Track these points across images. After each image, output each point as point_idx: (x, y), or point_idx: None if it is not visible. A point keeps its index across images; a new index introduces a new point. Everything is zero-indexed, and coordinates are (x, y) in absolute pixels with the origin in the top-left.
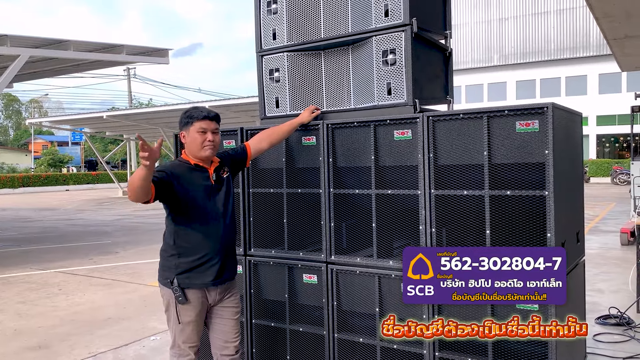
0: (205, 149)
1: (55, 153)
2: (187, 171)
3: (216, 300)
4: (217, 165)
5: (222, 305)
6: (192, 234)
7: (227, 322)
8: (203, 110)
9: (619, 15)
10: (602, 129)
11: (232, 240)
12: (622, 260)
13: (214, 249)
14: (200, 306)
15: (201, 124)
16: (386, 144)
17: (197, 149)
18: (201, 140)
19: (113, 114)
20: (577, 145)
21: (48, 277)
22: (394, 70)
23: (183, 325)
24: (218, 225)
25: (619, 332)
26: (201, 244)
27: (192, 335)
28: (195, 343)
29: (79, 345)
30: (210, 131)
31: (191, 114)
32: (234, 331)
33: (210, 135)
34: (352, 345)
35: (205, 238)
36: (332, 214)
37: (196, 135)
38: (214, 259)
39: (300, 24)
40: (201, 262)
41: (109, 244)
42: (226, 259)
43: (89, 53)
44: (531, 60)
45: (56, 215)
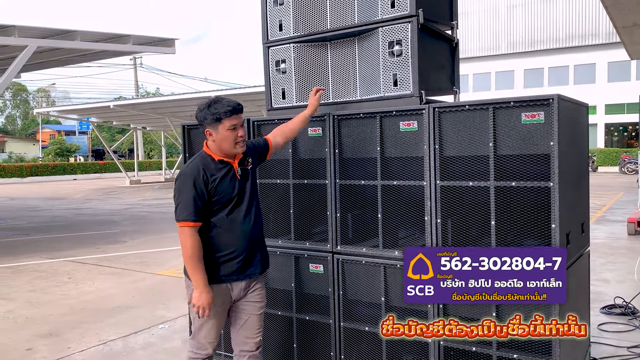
0: (238, 146)
1: (62, 142)
2: (211, 167)
3: (240, 295)
4: (241, 157)
5: (246, 300)
6: (216, 229)
7: (250, 318)
8: (229, 104)
9: (628, 3)
10: (610, 117)
11: (259, 234)
12: (628, 250)
13: (240, 244)
14: (221, 301)
15: (231, 121)
16: (392, 135)
17: (230, 147)
18: (233, 137)
19: (120, 103)
20: (582, 137)
21: (57, 265)
22: (400, 61)
23: (203, 320)
24: (243, 219)
25: (624, 321)
26: (227, 239)
27: (212, 332)
28: (214, 339)
29: (89, 332)
30: (240, 126)
31: (218, 111)
32: (255, 327)
33: (241, 131)
34: (358, 333)
35: (230, 233)
36: (338, 205)
37: (227, 133)
38: (239, 254)
39: (306, 15)
40: (227, 259)
41: (117, 233)
42: (252, 254)
43: (95, 43)
44: (539, 48)
45: (64, 205)
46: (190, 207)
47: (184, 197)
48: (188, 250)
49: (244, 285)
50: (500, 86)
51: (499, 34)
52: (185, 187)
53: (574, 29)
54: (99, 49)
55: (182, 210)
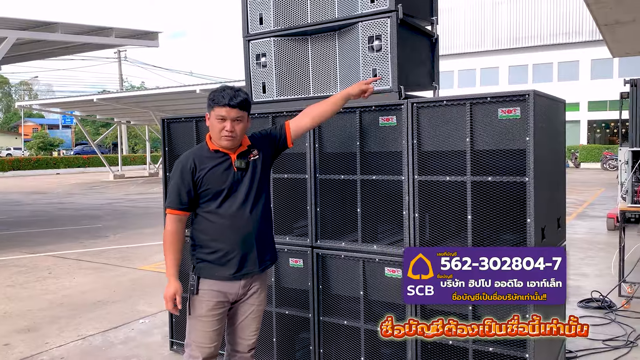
0: (223, 139)
1: (45, 136)
2: (204, 158)
3: (239, 295)
4: (244, 150)
5: (244, 301)
6: (208, 225)
7: (246, 318)
8: (228, 94)
9: (609, 1)
10: (593, 114)
11: (258, 231)
12: (607, 245)
13: (234, 242)
14: (214, 302)
15: (220, 111)
16: (371, 130)
17: (216, 137)
18: (219, 128)
19: (104, 97)
20: (559, 133)
21: (38, 260)
22: (379, 56)
23: (194, 321)
24: (238, 215)
25: (601, 315)
26: (219, 237)
27: (203, 335)
28: (204, 344)
29: (68, 327)
30: (230, 120)
31: (214, 97)
32: (250, 328)
33: (228, 125)
34: (337, 327)
35: (223, 231)
36: (318, 199)
37: (215, 122)
38: (232, 252)
39: (287, 9)
40: (219, 256)
41: (100, 227)
42: (248, 252)
43: (77, 36)
44: (524, 45)
45: (46, 199)
46: (173, 194)
47: (171, 184)
48: (165, 235)
49: (243, 284)
50: (485, 82)
51: (485, 30)
52: (174, 175)
53: (558, 27)
54: (81, 41)
55: (168, 196)
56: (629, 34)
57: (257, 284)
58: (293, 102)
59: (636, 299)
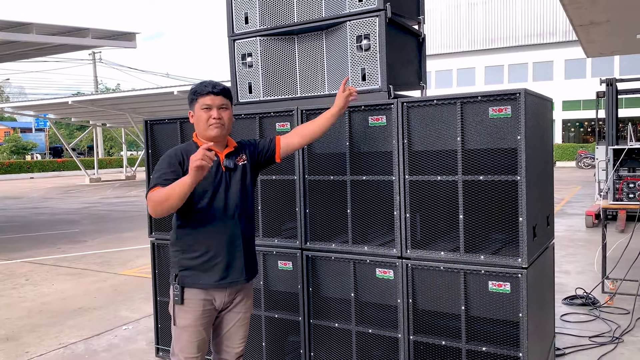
0: (211, 128)
1: (18, 140)
2: (192, 153)
3: (224, 302)
4: (232, 150)
5: (230, 309)
6: (194, 228)
7: (233, 327)
8: (208, 84)
9: (584, 2)
10: (567, 113)
11: (245, 238)
12: (587, 242)
13: (220, 246)
14: (200, 310)
15: (205, 100)
16: (361, 130)
17: (203, 128)
18: (206, 117)
19: (78, 99)
20: (547, 131)
21: (14, 267)
22: (368, 55)
23: (180, 330)
24: (226, 219)
25: (585, 311)
26: (204, 240)
27: (190, 345)
28: (191, 354)
29: (49, 336)
30: (216, 107)
31: (195, 90)
32: (237, 336)
33: (215, 112)
34: (328, 330)
35: (208, 234)
36: (307, 201)
37: (201, 112)
38: (218, 257)
39: (273, 8)
40: (204, 260)
41: (77, 232)
42: (235, 258)
43: (53, 37)
44: (499, 45)
45: (21, 204)
46: (160, 178)
47: (156, 168)
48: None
49: (229, 292)
50: (461, 83)
51: (461, 31)
52: (161, 165)
53: (532, 28)
54: (56, 42)
55: (152, 180)
56: (603, 34)
57: (242, 293)
58: (280, 102)
59: (619, 295)
